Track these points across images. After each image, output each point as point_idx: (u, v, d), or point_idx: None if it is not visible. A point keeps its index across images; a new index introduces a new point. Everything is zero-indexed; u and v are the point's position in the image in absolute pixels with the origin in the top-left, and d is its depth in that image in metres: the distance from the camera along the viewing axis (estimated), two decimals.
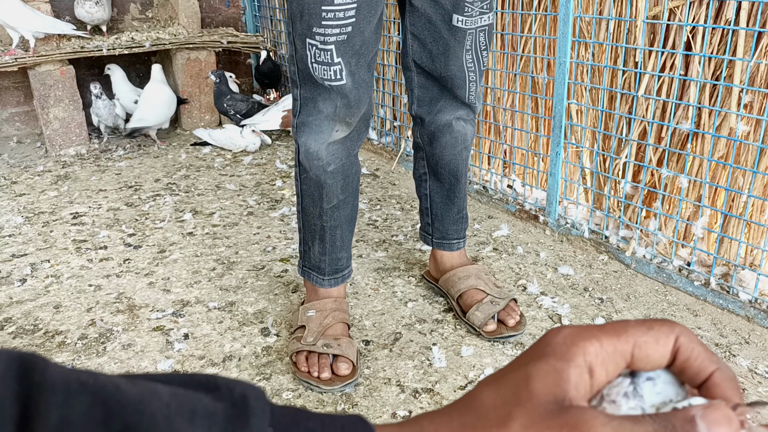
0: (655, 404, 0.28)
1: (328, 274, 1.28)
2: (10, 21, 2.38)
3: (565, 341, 0.28)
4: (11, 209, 2.07)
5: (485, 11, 1.20)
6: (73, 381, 0.21)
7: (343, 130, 1.17)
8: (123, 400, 0.22)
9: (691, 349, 0.28)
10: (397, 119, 2.44)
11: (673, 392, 0.28)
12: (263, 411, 0.26)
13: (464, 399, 0.29)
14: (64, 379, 0.21)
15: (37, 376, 0.21)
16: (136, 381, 0.24)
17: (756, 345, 1.28)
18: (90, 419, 0.21)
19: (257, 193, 2.17)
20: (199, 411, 0.24)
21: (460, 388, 1.17)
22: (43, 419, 0.20)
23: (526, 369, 0.28)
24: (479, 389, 0.29)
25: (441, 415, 0.29)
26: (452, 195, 1.38)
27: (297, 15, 1.06)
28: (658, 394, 0.28)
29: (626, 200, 1.62)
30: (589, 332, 0.28)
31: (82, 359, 1.28)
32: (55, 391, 0.21)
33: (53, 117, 2.58)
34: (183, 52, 2.86)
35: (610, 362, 0.28)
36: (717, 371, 0.28)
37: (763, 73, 1.33)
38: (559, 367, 0.27)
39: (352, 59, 1.10)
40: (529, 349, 0.30)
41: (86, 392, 0.21)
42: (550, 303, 1.43)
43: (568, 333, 0.28)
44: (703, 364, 0.28)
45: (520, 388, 0.27)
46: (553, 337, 0.29)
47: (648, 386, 0.28)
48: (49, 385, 0.21)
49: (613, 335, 0.28)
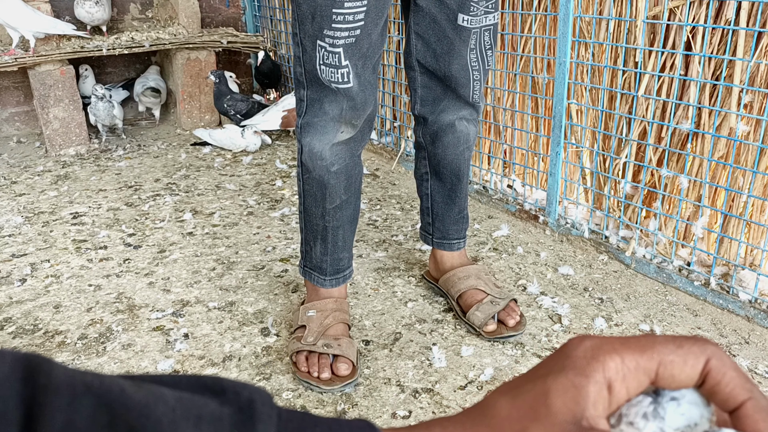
0: (679, 428, 0.26)
1: (330, 275, 1.28)
2: (11, 21, 2.38)
3: (586, 354, 0.27)
4: (11, 209, 2.07)
5: (491, 11, 1.20)
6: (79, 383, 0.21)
7: (348, 132, 1.17)
8: (128, 404, 0.22)
9: (723, 373, 0.26)
10: (398, 119, 2.44)
11: (698, 414, 0.27)
12: (270, 416, 0.25)
13: (478, 407, 0.28)
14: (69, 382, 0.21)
15: (42, 378, 0.21)
16: (142, 384, 0.23)
17: (756, 345, 1.28)
18: (94, 422, 0.21)
19: (257, 193, 2.17)
20: (205, 416, 0.24)
21: (460, 388, 1.17)
22: (47, 422, 0.20)
23: (545, 383, 0.27)
24: (494, 398, 0.28)
25: (454, 423, 0.28)
26: (453, 195, 1.38)
27: (308, 17, 1.06)
28: (682, 415, 0.27)
29: (626, 200, 1.62)
30: (611, 346, 0.27)
31: (82, 359, 1.28)
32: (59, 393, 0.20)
33: (53, 117, 2.58)
34: (183, 52, 2.86)
35: (632, 379, 0.27)
36: (750, 401, 0.26)
37: (763, 73, 1.33)
38: (578, 383, 0.26)
39: (359, 62, 1.09)
40: (548, 359, 0.28)
41: (91, 395, 0.21)
42: (550, 303, 1.43)
43: (589, 346, 0.27)
44: (734, 391, 0.26)
45: (538, 404, 0.26)
46: (573, 348, 0.28)
47: (671, 407, 0.27)
48: (54, 387, 0.21)
49: (636, 351, 0.27)
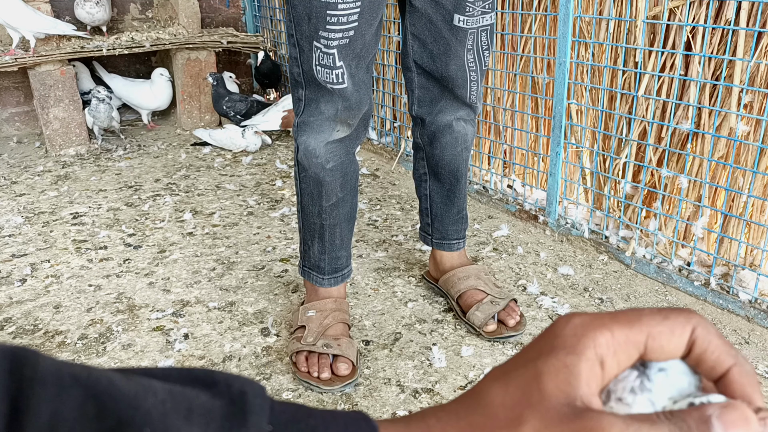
0: (672, 397, 0.26)
1: (328, 273, 1.28)
2: (12, 21, 2.38)
3: (575, 332, 0.26)
4: (11, 209, 2.07)
5: (487, 11, 1.20)
6: (66, 375, 0.21)
7: (344, 131, 1.17)
8: (117, 395, 0.21)
9: (708, 341, 0.26)
10: (397, 119, 2.44)
11: (686, 383, 0.27)
12: (262, 408, 0.25)
13: (471, 395, 0.28)
14: (56, 373, 0.21)
15: (28, 371, 0.20)
16: (131, 376, 0.23)
17: (756, 345, 1.28)
18: (82, 414, 0.20)
19: (257, 193, 2.17)
20: (195, 408, 0.23)
21: (460, 388, 1.17)
22: (33, 414, 0.19)
23: (536, 366, 0.26)
24: (486, 385, 0.28)
25: (448, 413, 0.27)
26: (452, 195, 1.38)
27: (304, 18, 1.06)
28: (671, 385, 0.27)
29: (626, 200, 1.62)
30: (599, 321, 0.27)
31: (82, 359, 1.28)
32: (46, 385, 0.20)
33: (53, 117, 2.58)
34: (183, 52, 2.86)
35: (622, 353, 0.27)
36: (735, 366, 0.26)
37: (763, 73, 1.33)
38: (570, 362, 0.26)
39: (352, 62, 1.10)
40: (537, 339, 0.28)
41: (79, 386, 0.21)
42: (550, 303, 1.43)
43: (578, 323, 0.27)
44: (720, 357, 0.26)
45: (531, 388, 0.26)
46: (562, 327, 0.27)
47: (660, 378, 0.27)
48: (41, 379, 0.20)
49: (625, 324, 0.27)
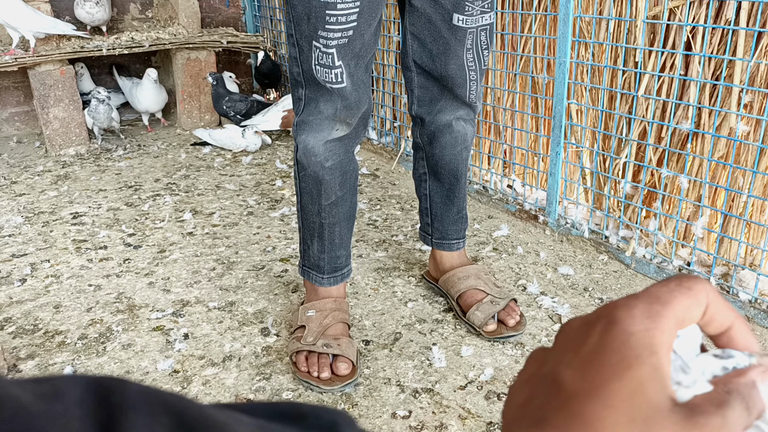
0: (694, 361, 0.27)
1: (327, 273, 1.28)
2: (11, 21, 2.38)
3: (646, 326, 0.26)
4: (11, 209, 2.07)
5: (486, 10, 1.20)
6: (155, 401, 0.20)
7: (343, 130, 1.17)
8: (208, 423, 0.21)
9: (717, 303, 0.28)
10: (397, 119, 2.44)
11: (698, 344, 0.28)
12: None
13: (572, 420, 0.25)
14: (145, 400, 0.20)
15: (116, 398, 0.20)
16: (219, 408, 0.22)
17: None
18: None
19: (257, 193, 2.17)
20: None
21: (460, 388, 1.17)
22: None
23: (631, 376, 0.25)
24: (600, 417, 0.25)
25: None
26: (452, 195, 1.38)
27: (303, 17, 1.07)
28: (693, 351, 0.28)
29: (626, 200, 1.61)
30: (654, 311, 0.26)
31: (82, 359, 1.28)
32: (138, 411, 0.20)
33: (53, 117, 2.58)
34: (183, 52, 2.86)
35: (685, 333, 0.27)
36: (737, 321, 0.28)
37: (763, 73, 1.33)
38: (656, 363, 0.25)
39: (351, 62, 1.10)
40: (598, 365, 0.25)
41: (170, 413, 0.20)
42: (550, 303, 1.43)
43: (639, 315, 0.26)
44: (725, 314, 0.28)
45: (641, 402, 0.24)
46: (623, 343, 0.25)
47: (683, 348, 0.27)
48: (131, 405, 0.20)
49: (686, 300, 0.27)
